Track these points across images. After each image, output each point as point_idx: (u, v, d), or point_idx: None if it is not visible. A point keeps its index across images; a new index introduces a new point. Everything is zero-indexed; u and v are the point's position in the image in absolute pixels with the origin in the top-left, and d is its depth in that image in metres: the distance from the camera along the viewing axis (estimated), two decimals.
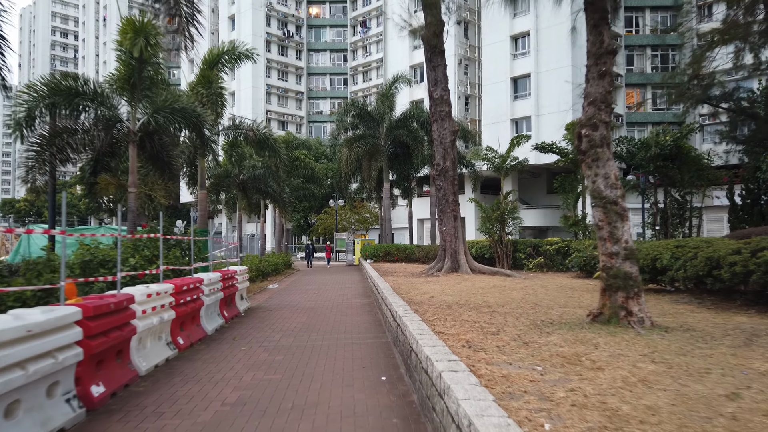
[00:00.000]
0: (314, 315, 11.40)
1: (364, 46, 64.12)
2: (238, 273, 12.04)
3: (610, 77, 6.25)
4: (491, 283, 13.45)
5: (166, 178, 13.28)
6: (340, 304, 13.41)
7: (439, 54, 16.08)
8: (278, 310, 12.36)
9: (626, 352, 4.89)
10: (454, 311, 8.37)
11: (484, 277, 14.84)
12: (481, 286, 12.69)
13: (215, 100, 14.69)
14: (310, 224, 56.57)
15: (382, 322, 9.96)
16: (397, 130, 29.60)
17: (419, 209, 43.32)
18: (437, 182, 16.33)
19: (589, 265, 15.33)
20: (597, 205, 6.08)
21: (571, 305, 8.90)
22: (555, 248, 19.22)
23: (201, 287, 9.04)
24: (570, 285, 12.85)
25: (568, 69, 37.37)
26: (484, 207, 20.58)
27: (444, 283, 13.68)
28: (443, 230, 16.23)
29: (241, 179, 22.11)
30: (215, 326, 9.56)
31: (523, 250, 20.03)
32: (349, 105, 29.29)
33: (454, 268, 15.84)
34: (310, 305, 13.26)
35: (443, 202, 16.19)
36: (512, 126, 39.86)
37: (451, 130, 16.09)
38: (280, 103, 65.26)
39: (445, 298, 10.27)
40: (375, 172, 29.66)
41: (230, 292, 11.06)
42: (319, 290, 17.46)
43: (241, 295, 12.51)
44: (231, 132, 16.99)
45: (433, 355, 4.47)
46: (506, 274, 15.39)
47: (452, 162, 16.05)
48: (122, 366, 5.97)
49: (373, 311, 11.87)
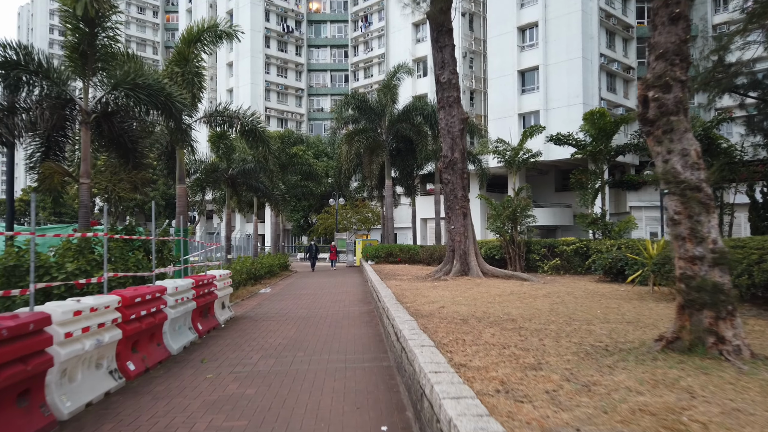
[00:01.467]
0: (305, 326, 9.83)
1: (365, 41, 62.54)
2: (218, 278, 10.47)
3: (686, 22, 4.67)
4: (507, 288, 11.86)
5: (130, 167, 11.68)
6: (336, 312, 11.84)
7: (447, 33, 14.50)
8: (265, 320, 10.79)
9: (744, 406, 3.30)
10: (473, 328, 6.79)
11: (498, 282, 13.25)
12: (496, 292, 11.10)
13: (192, 81, 12.99)
14: (310, 224, 55.02)
15: (384, 338, 8.38)
16: (399, 124, 27.96)
17: (422, 208, 41.74)
18: (444, 176, 14.75)
19: (615, 268, 13.73)
20: (672, 192, 4.49)
21: (614, 320, 7.30)
22: (572, 249, 17.62)
23: (164, 297, 7.48)
24: (598, 291, 11.24)
25: (578, 61, 35.74)
26: (494, 204, 18.98)
27: (454, 288, 12.09)
28: (451, 229, 14.65)
29: (230, 174, 20.43)
30: (184, 343, 7.99)
31: (537, 250, 18.42)
32: (349, 97, 27.66)
33: (464, 271, 14.25)
34: (301, 314, 11.69)
35: (451, 197, 14.61)
36: (520, 121, 38.23)
37: (460, 118, 14.51)
38: (279, 100, 63.75)
39: (458, 308, 8.68)
40: (376, 169, 28.06)
41: (207, 300, 9.49)
42: (314, 295, 15.89)
43: (222, 304, 10.95)
44: (215, 120, 15.31)
45: (458, 418, 2.89)
46: (522, 278, 13.80)
47: (461, 153, 14.46)
48: (28, 412, 4.40)
49: (373, 322, 10.29)
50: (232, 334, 9.20)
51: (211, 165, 19.31)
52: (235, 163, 20.19)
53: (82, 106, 9.57)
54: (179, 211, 13.92)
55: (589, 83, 36.18)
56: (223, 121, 15.19)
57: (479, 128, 31.80)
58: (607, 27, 38.53)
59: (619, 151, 19.77)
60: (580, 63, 35.70)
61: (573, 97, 35.89)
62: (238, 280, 16.02)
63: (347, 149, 26.96)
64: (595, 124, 18.16)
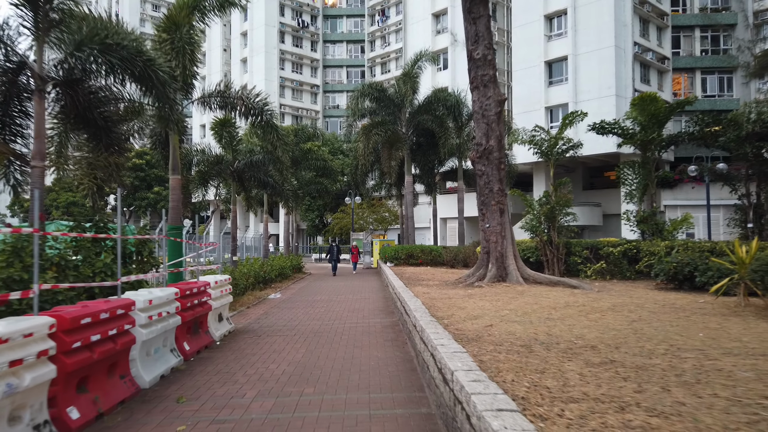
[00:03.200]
0: (317, 345, 8.04)
1: (382, 36, 60.78)
2: (212, 285, 8.74)
3: None
4: (560, 298, 9.92)
5: (102, 149, 9.97)
6: (354, 324, 10.03)
7: (481, 2, 12.62)
8: (269, 336, 9.04)
9: None
10: (546, 362, 4.91)
11: (543, 290, 11.31)
12: (548, 303, 9.18)
13: (182, 50, 11.11)
14: (325, 224, 53.43)
15: (417, 366, 6.55)
16: (420, 116, 26.01)
17: (443, 207, 39.78)
18: (478, 167, 12.83)
19: (681, 274, 11.69)
20: None
21: (738, 350, 5.36)
22: (620, 251, 15.58)
23: (131, 314, 5.74)
24: (674, 303, 9.25)
25: (611, 50, 33.47)
26: (528, 200, 17.02)
27: (494, 297, 10.19)
28: (486, 228, 12.73)
29: (236, 167, 18.67)
30: (162, 371, 6.25)
31: (578, 252, 16.41)
32: (366, 87, 25.78)
33: (501, 277, 12.33)
34: (313, 326, 9.91)
35: (486, 191, 12.69)
36: (547, 114, 36.09)
37: (497, 100, 12.60)
38: (294, 97, 62.28)
39: (512, 327, 6.79)
40: (395, 165, 26.18)
41: (197, 313, 7.76)
42: (328, 302, 14.12)
43: (219, 315, 9.22)
44: (214, 101, 13.51)
45: None
46: (571, 285, 11.83)
47: (498, 140, 12.54)
48: None
49: (399, 339, 8.46)
50: (227, 356, 7.44)
51: (215, 157, 17.58)
52: (241, 154, 18.38)
53: (35, 70, 7.84)
54: (172, 206, 12.17)
55: (622, 74, 33.87)
56: (224, 104, 13.39)
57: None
58: (640, 14, 36.17)
59: (672, 141, 17.65)
60: (613, 52, 33.42)
61: (605, 88, 33.63)
62: (243, 284, 14.34)
63: (364, 143, 25.11)
64: (646, 110, 16.10)
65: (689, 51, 40.52)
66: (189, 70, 11.19)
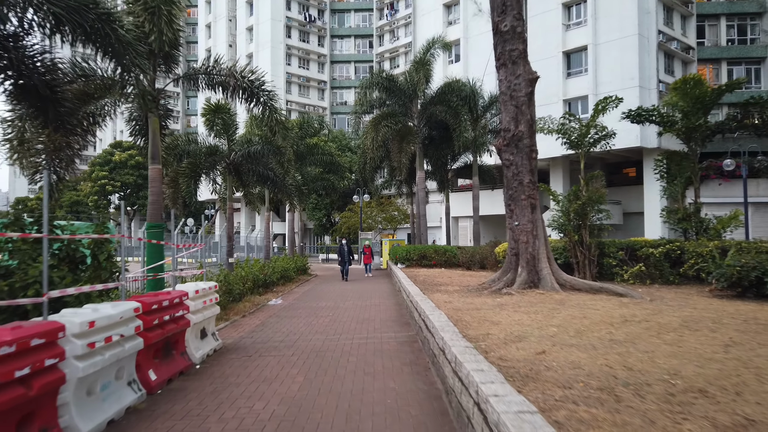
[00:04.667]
0: (317, 372, 6.47)
1: (391, 30, 59.15)
2: (192, 296, 7.19)
3: None
4: (611, 310, 8.26)
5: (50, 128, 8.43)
6: (364, 341, 8.45)
7: None
8: (261, 356, 7.48)
9: None
10: (648, 421, 3.31)
11: (585, 299, 9.66)
12: (599, 317, 7.54)
13: (158, 10, 9.41)
14: (333, 223, 51.95)
15: (448, 407, 4.94)
16: (433, 107, 24.29)
17: (455, 206, 38.07)
18: (505, 155, 11.19)
19: (747, 279, 9.98)
20: None
21: None
22: (661, 252, 13.87)
23: (60, 343, 4.20)
24: (755, 316, 7.56)
25: (634, 39, 31.59)
26: (556, 195, 15.36)
27: (530, 309, 8.56)
28: (515, 226, 11.08)
29: (232, 158, 16.96)
30: (109, 415, 4.71)
31: (612, 254, 14.70)
32: (375, 76, 24.16)
33: (533, 282, 10.68)
34: (315, 343, 8.34)
35: (515, 184, 11.04)
36: (565, 107, 34.23)
37: (527, 78, 10.96)
38: (301, 93, 60.81)
39: (572, 356, 5.18)
40: (406, 160, 24.52)
41: (169, 332, 6.22)
42: (334, 309, 12.55)
43: (201, 331, 7.67)
44: (200, 80, 11.88)
45: None
46: (616, 292, 10.14)
47: (528, 125, 10.90)
48: None
49: (419, 362, 6.87)
50: (204, 387, 5.89)
51: (208, 147, 15.92)
52: (237, 144, 16.69)
53: None
54: (152, 201, 10.53)
55: (646, 64, 31.99)
56: (213, 82, 11.73)
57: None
58: (664, 1, 34.24)
59: (719, 129, 15.88)
60: (636, 41, 31.54)
61: (627, 79, 31.75)
62: (239, 289, 12.80)
63: (373, 136, 23.43)
64: (689, 94, 14.37)
65: (714, 41, 38.52)
66: (167, 36, 9.51)
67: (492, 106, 26.63)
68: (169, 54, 10.46)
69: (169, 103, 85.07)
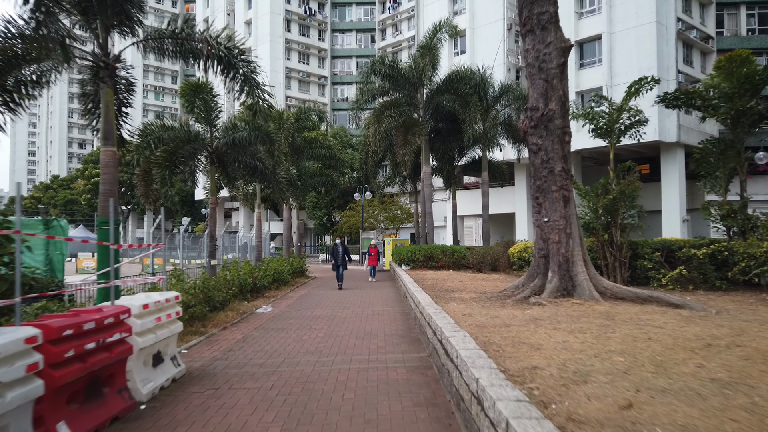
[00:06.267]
0: (300, 420, 4.75)
1: (393, 23, 57.46)
2: (138, 312, 5.49)
3: None
4: (679, 328, 6.53)
5: None
6: (365, 366, 6.73)
7: None
8: (232, 389, 5.78)
9: None
10: None
11: (635, 310, 7.93)
12: (671, 340, 5.82)
13: None
14: (333, 222, 50.28)
15: None
16: (441, 96, 22.50)
17: (460, 204, 36.33)
18: (533, 139, 9.46)
19: None
20: None
21: None
22: (705, 253, 12.12)
23: None
24: None
25: (651, 26, 29.80)
26: (582, 188, 13.63)
27: (572, 325, 6.83)
28: (544, 223, 9.35)
29: (215, 146, 15.15)
30: None
31: (647, 255, 12.97)
32: (377, 63, 22.38)
33: (566, 289, 8.95)
34: (303, 369, 6.62)
35: (544, 173, 9.31)
36: (578, 100, 32.40)
37: (559, 47, 9.25)
38: (301, 89, 59.12)
39: (675, 413, 3.46)
40: (410, 153, 22.74)
41: (94, 365, 4.52)
42: (331, 319, 10.84)
43: (154, 357, 5.95)
44: (168, 44, 10.02)
45: None
46: (670, 303, 8.39)
47: (561, 103, 9.19)
48: None
49: (438, 403, 5.14)
50: None
51: (186, 133, 14.00)
52: (220, 130, 14.83)
53: None
54: (104, 191, 8.68)
55: (664, 53, 30.20)
56: (182, 49, 9.88)
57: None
58: None
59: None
60: (654, 29, 29.74)
61: (645, 69, 29.84)
62: (221, 297, 11.09)
63: (375, 128, 21.65)
64: (734, 73, 12.63)
65: (734, 30, 36.71)
66: None
67: (503, 96, 24.87)
68: (123, 7, 8.63)
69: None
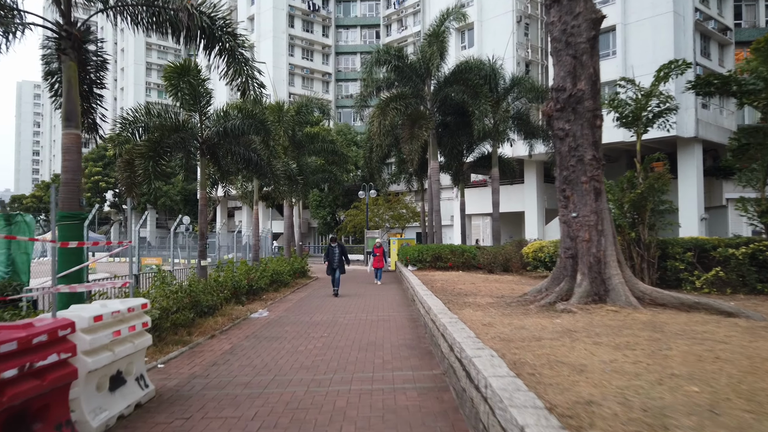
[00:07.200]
0: None
1: (399, 19, 56.37)
2: (85, 326, 4.44)
3: None
4: (748, 343, 5.45)
5: None
6: (368, 388, 5.67)
7: None
8: (205, 419, 4.73)
9: None
10: None
11: (683, 319, 6.83)
12: (746, 360, 4.74)
13: None
14: (338, 221, 49.27)
15: None
16: (448, 87, 21.38)
17: (468, 202, 35.21)
18: (559, 124, 8.37)
19: None
20: None
21: None
22: (744, 253, 10.96)
23: None
24: None
25: (668, 16, 28.60)
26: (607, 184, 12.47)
27: (616, 339, 5.74)
28: (572, 219, 8.25)
29: (205, 135, 14.00)
30: None
31: (678, 255, 11.82)
32: (382, 53, 21.25)
33: (598, 294, 7.85)
34: (294, 392, 5.55)
35: (572, 161, 8.22)
36: None
37: (589, 18, 8.18)
38: (304, 85, 58.11)
39: None
40: (417, 148, 21.61)
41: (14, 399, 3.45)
42: (332, 326, 9.78)
43: (111, 379, 4.89)
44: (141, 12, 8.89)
45: None
46: (721, 310, 7.27)
47: (591, 82, 8.10)
48: None
49: None
50: None
51: (173, 121, 12.81)
52: (211, 118, 13.70)
53: None
54: (65, 180, 7.65)
55: (682, 44, 28.96)
56: (158, 20, 8.72)
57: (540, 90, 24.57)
58: None
59: None
60: (671, 19, 28.54)
61: (661, 61, 28.16)
62: (210, 301, 10.04)
63: (380, 121, 20.54)
64: None
65: (752, 22, 35.44)
66: None
67: (514, 88, 23.71)
68: None
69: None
